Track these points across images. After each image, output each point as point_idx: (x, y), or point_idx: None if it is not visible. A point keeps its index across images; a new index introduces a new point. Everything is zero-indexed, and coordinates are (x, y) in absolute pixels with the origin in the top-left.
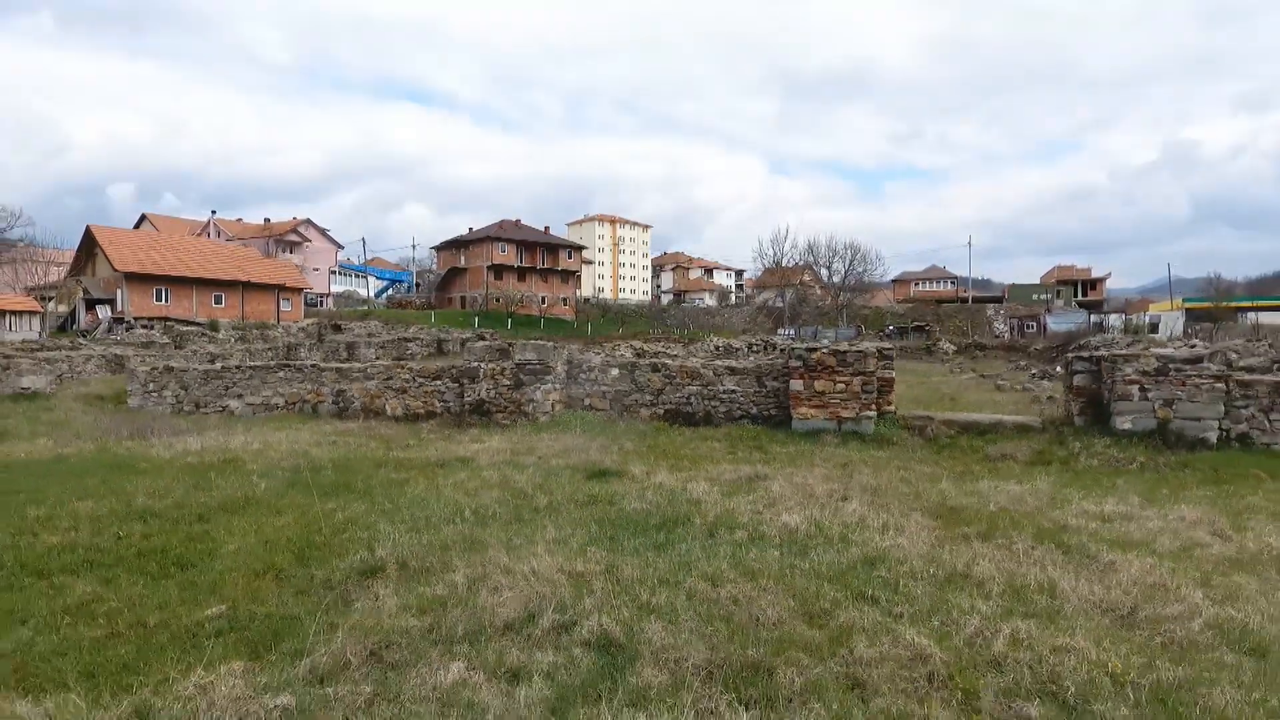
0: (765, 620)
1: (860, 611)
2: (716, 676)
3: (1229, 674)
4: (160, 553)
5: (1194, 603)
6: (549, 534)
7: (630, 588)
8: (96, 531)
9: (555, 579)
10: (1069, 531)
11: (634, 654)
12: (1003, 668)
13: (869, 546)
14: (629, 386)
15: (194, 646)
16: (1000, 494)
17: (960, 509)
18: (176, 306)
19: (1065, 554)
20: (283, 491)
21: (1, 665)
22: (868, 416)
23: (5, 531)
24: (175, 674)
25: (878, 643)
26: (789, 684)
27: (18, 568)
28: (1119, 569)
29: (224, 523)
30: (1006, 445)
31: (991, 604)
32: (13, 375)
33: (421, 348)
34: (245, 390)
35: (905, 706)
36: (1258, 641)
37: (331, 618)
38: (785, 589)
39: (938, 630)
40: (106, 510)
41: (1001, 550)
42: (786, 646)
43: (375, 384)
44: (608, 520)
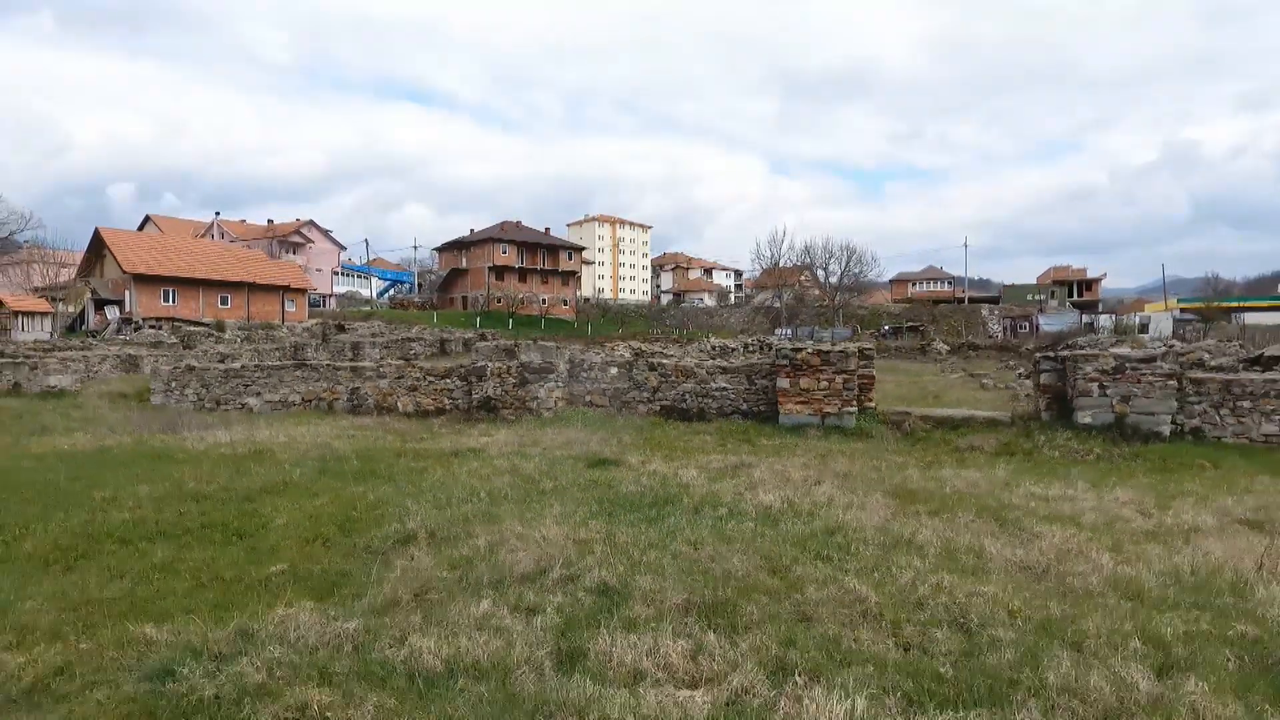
0: (735, 572)
1: (815, 566)
2: (691, 611)
3: (1105, 611)
4: (220, 526)
5: (1100, 563)
6: (555, 510)
7: (625, 550)
8: (159, 510)
9: (562, 543)
10: (1010, 509)
11: (626, 596)
12: (924, 606)
13: (831, 520)
14: (627, 384)
15: (268, 592)
16: (959, 480)
17: (918, 491)
18: (184, 307)
19: (1000, 526)
20: (315, 478)
21: (115, 607)
22: (849, 412)
23: (82, 509)
24: (260, 609)
25: (825, 589)
26: (749, 615)
27: (103, 536)
28: (1043, 537)
29: (268, 503)
30: (975, 438)
31: (926, 562)
32: (40, 374)
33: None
34: (263, 388)
35: (840, 631)
36: (1139, 590)
37: (378, 573)
38: (755, 551)
39: (877, 581)
40: (162, 493)
41: (945, 523)
42: (750, 591)
43: (388, 382)
44: (606, 500)
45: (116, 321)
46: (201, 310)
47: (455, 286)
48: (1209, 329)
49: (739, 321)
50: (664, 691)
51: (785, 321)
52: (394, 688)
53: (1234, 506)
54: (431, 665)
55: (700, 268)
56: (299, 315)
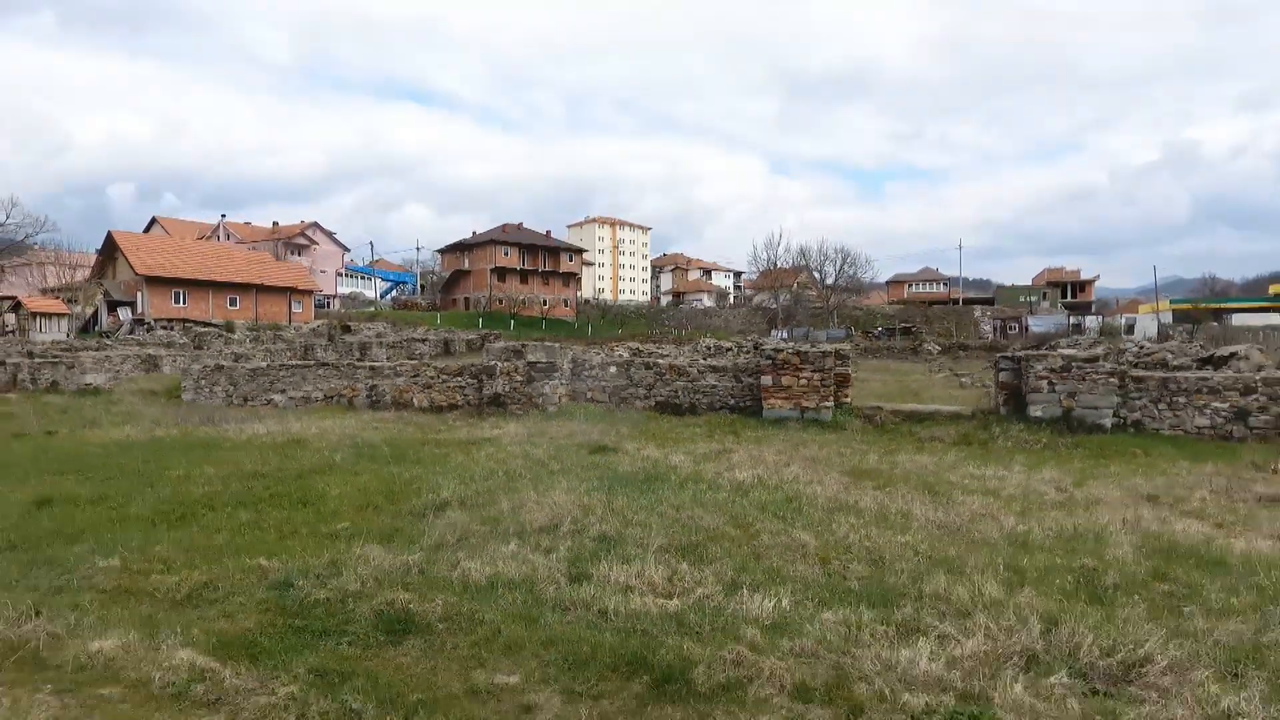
0: (706, 526)
1: (771, 523)
2: (670, 550)
3: (991, 550)
4: (284, 496)
5: (1004, 524)
6: (563, 485)
7: (620, 512)
8: (227, 485)
9: (570, 507)
10: (945, 485)
11: (620, 541)
12: (850, 549)
13: (792, 491)
14: (625, 382)
15: (340, 540)
16: (911, 463)
17: (872, 471)
18: (194, 308)
19: (932, 496)
20: (355, 461)
21: (224, 550)
22: (826, 406)
23: (164, 485)
24: (340, 550)
25: (776, 538)
26: (714, 554)
27: (192, 504)
28: (964, 505)
29: (320, 480)
30: (937, 430)
31: (861, 521)
32: (77, 373)
33: (430, 348)
34: (287, 386)
35: (781, 564)
36: (1025, 540)
37: (425, 527)
38: (725, 512)
39: (818, 532)
40: (226, 472)
41: (886, 494)
42: (717, 538)
43: (404, 380)
44: (606, 477)
45: (129, 322)
46: (211, 311)
47: (458, 287)
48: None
49: (737, 322)
50: (647, 598)
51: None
52: (453, 592)
53: (1142, 485)
54: (478, 579)
55: (699, 269)
56: (305, 316)
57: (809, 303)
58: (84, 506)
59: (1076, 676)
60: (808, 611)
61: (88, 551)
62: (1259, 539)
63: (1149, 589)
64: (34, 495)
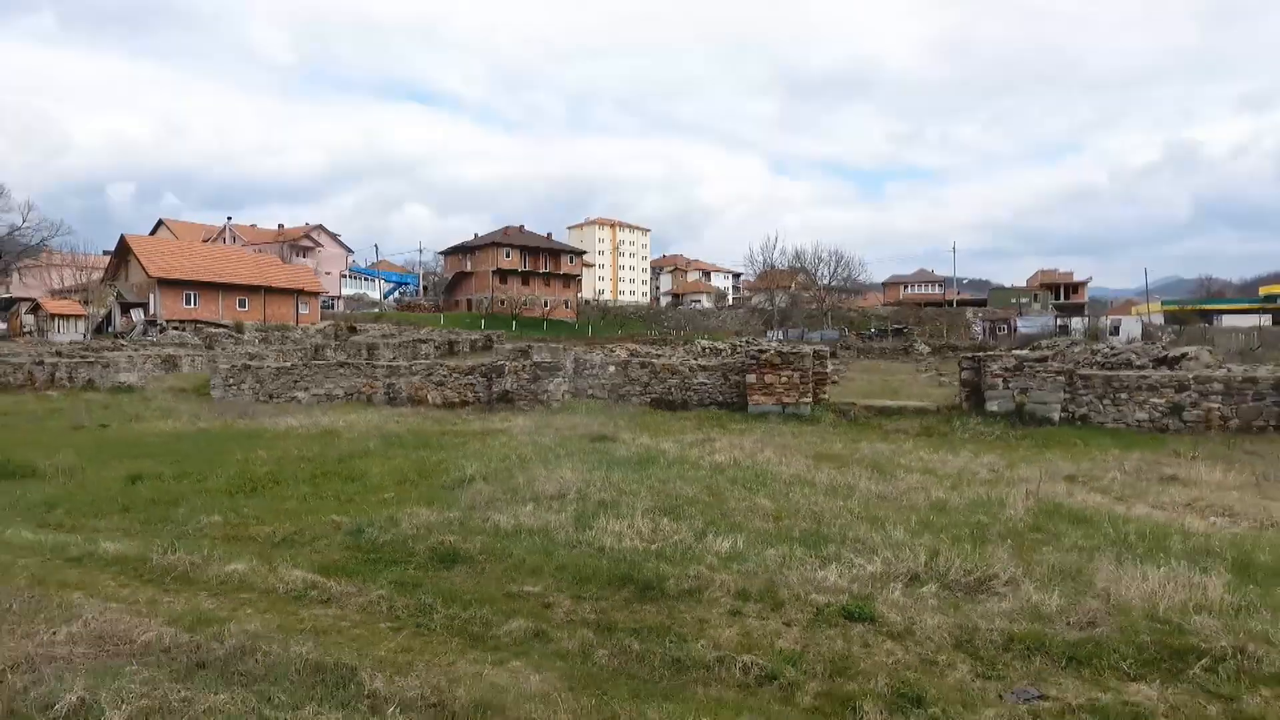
0: (684, 494)
1: (739, 492)
2: (654, 510)
3: (912, 511)
4: (333, 474)
5: (932, 495)
6: (568, 465)
7: (616, 485)
8: (280, 466)
9: (574, 481)
10: (894, 466)
11: (615, 504)
12: (800, 511)
13: (761, 469)
14: (623, 380)
15: (390, 505)
16: (870, 449)
17: (835, 455)
18: (204, 310)
19: (879, 474)
20: (386, 448)
21: (297, 512)
22: (805, 402)
23: (228, 466)
24: (393, 510)
25: (741, 502)
26: (689, 513)
27: (258, 480)
28: (903, 480)
29: (359, 462)
30: (903, 423)
31: (813, 491)
32: (112, 372)
33: (434, 348)
34: (310, 384)
35: (743, 520)
36: (944, 506)
37: (456, 495)
38: (702, 485)
39: (776, 500)
40: (277, 456)
41: (840, 472)
42: (693, 503)
43: (419, 379)
44: (604, 460)
45: (142, 323)
46: (220, 312)
47: (460, 289)
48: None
49: (735, 323)
50: (635, 541)
51: (777, 324)
52: (487, 536)
53: (1068, 467)
54: (506, 527)
55: (698, 270)
56: (312, 317)
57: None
58: (169, 481)
59: (943, 588)
60: (756, 549)
61: (189, 512)
62: (1140, 506)
63: (1023, 536)
64: (125, 473)
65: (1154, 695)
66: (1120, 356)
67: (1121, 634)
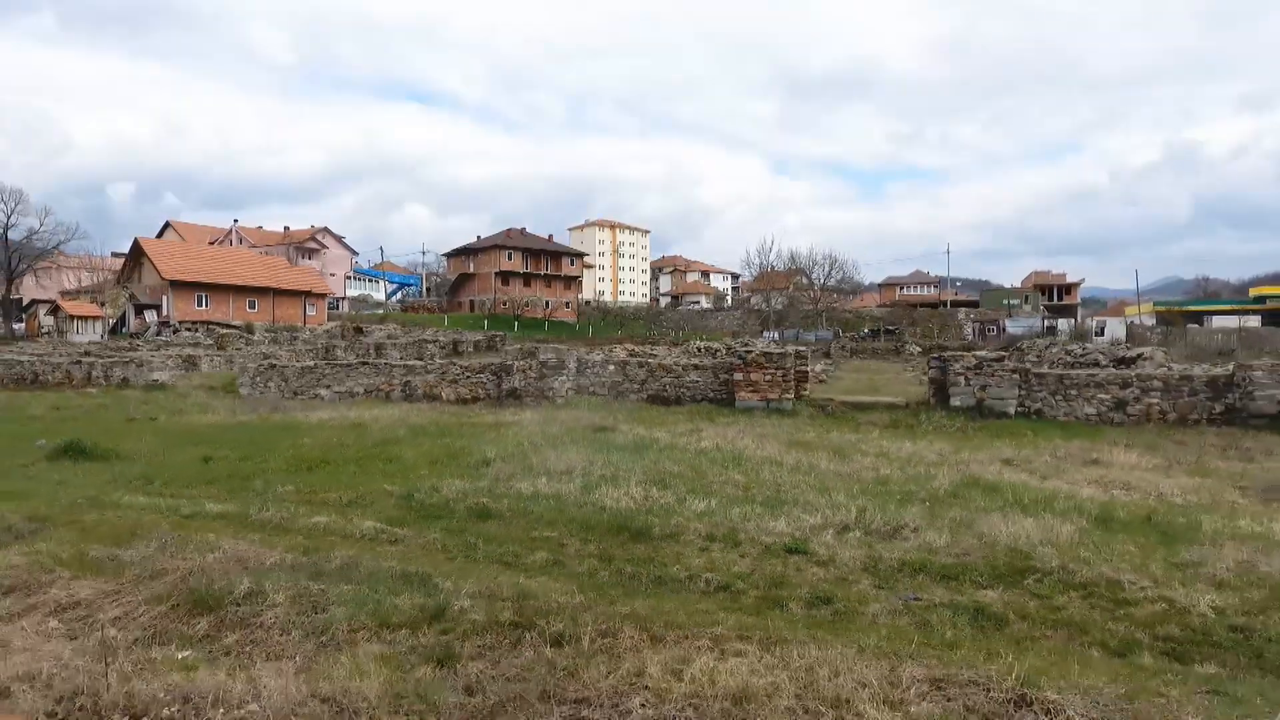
0: (672, 471)
1: (718, 469)
2: (646, 482)
3: (858, 484)
4: (372, 457)
5: (881, 472)
6: (574, 450)
7: (614, 464)
8: (325, 451)
9: (580, 461)
10: (855, 450)
11: (614, 479)
12: (765, 484)
13: (739, 453)
14: (622, 378)
15: (429, 478)
16: (839, 438)
17: (807, 442)
18: (215, 311)
19: (840, 456)
20: (413, 437)
21: (352, 483)
22: (787, 398)
23: (282, 450)
24: (433, 481)
25: (719, 477)
26: (674, 484)
27: (310, 460)
28: (859, 461)
29: (393, 448)
30: (875, 416)
31: (780, 469)
32: (146, 371)
33: (439, 348)
34: (333, 382)
35: (719, 489)
36: (886, 480)
37: (482, 472)
38: (687, 464)
39: (747, 475)
40: (319, 443)
41: (806, 454)
42: (678, 477)
43: (433, 377)
44: (605, 446)
45: (156, 324)
46: (231, 313)
47: (463, 290)
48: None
49: (732, 324)
50: (629, 502)
51: (774, 324)
52: (512, 499)
53: (1009, 453)
54: (526, 493)
55: (698, 271)
56: (319, 318)
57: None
58: (236, 462)
59: (865, 534)
60: (724, 508)
61: (265, 484)
62: (1055, 482)
63: (940, 501)
64: (197, 455)
65: (996, 596)
66: (1089, 356)
67: (983, 560)
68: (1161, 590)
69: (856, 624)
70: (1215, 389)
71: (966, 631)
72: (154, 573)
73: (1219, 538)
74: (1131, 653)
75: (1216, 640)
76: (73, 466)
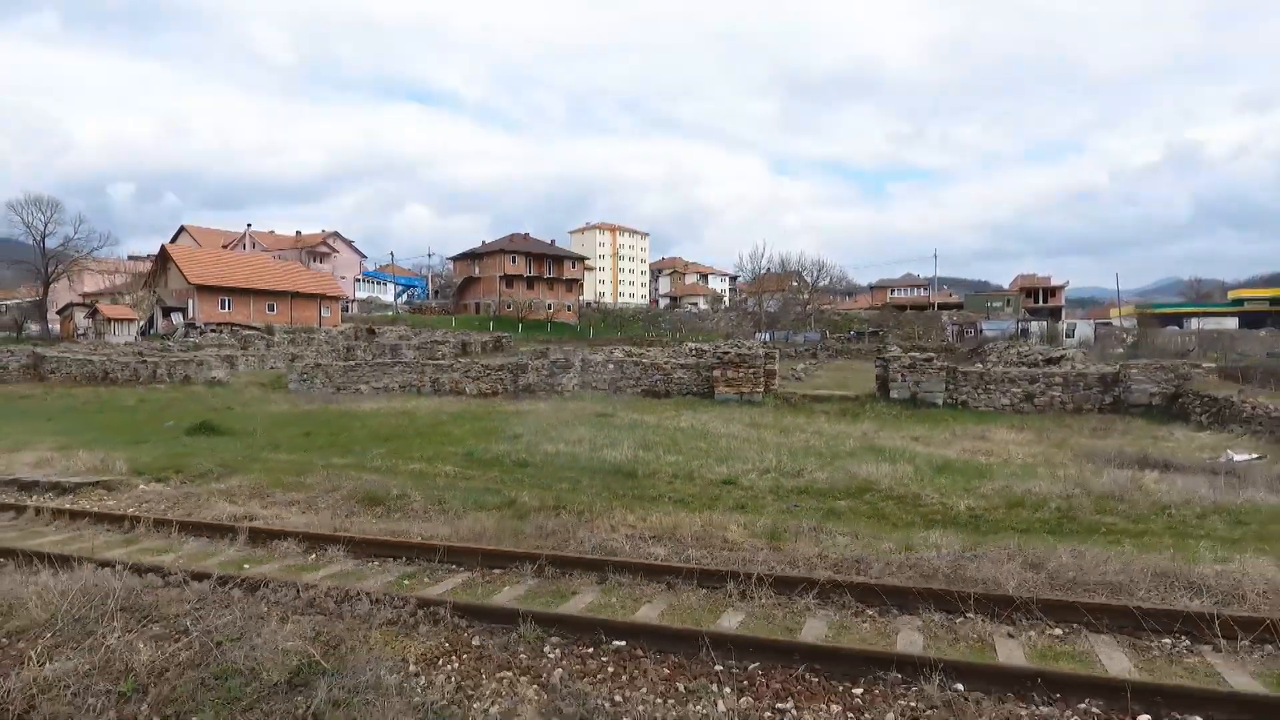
0: (655, 441)
1: (688, 440)
2: (635, 447)
3: (788, 449)
4: (428, 434)
5: (812, 443)
6: (581, 429)
7: (613, 437)
8: (392, 431)
9: (587, 435)
10: (797, 429)
11: (613, 444)
12: (721, 448)
13: (707, 431)
14: (620, 375)
15: (478, 446)
16: (791, 422)
17: (764, 424)
18: (237, 313)
19: (784, 433)
20: (454, 420)
21: (422, 448)
22: (758, 391)
23: (355, 430)
24: (483, 446)
25: (689, 445)
26: (656, 448)
27: (381, 435)
28: (796, 435)
29: (442, 427)
30: (828, 406)
31: (736, 440)
32: (205, 369)
33: (449, 349)
34: (371, 379)
35: (688, 451)
36: (809, 445)
37: (515, 441)
38: (666, 436)
39: (710, 443)
40: (381, 425)
41: (759, 431)
42: (659, 444)
43: (459, 374)
44: (606, 425)
45: (183, 326)
46: (252, 316)
47: (469, 293)
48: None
49: (727, 325)
50: (623, 459)
51: (765, 326)
52: (540, 455)
53: (919, 432)
54: (551, 452)
55: (696, 272)
56: (333, 320)
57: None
58: (327, 437)
59: (777, 475)
60: (687, 461)
61: (361, 449)
62: (941, 450)
63: (840, 457)
64: (298, 431)
65: (844, 503)
66: (1030, 356)
67: (844, 486)
68: (943, 499)
69: (755, 514)
70: (1105, 384)
71: (817, 518)
72: (331, 489)
73: (1000, 476)
74: (912, 528)
75: (959, 521)
76: (209, 439)
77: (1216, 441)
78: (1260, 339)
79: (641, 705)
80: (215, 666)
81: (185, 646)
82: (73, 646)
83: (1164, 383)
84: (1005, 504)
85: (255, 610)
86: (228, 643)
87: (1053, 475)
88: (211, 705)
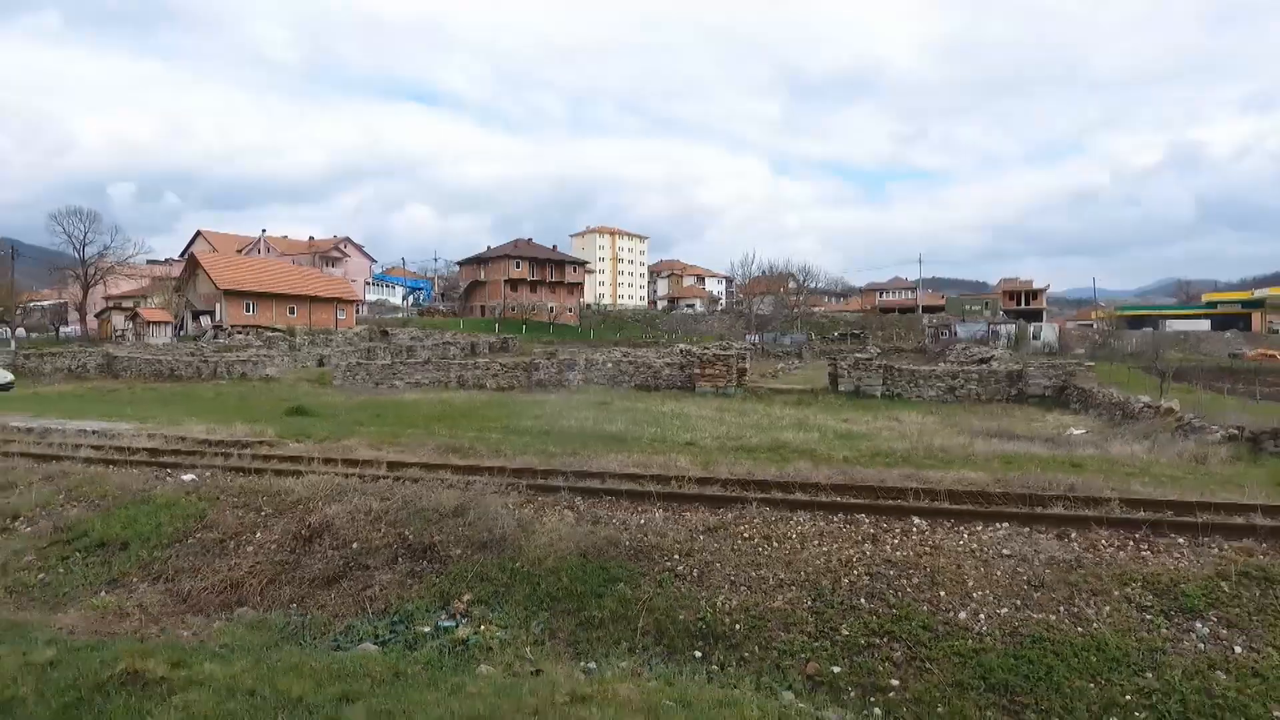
0: (643, 420)
1: (668, 420)
2: (628, 424)
3: (739, 426)
4: (468, 417)
5: (760, 421)
6: (586, 412)
7: (611, 417)
8: (437, 417)
9: (590, 416)
10: (754, 412)
11: (611, 420)
12: (693, 426)
13: (685, 414)
14: (618, 372)
15: (512, 423)
16: (750, 408)
17: (728, 409)
18: (261, 316)
19: (742, 414)
20: (485, 407)
21: (468, 427)
22: (731, 385)
23: (409, 413)
24: (516, 423)
25: (670, 425)
26: (642, 424)
27: (431, 417)
28: (749, 417)
29: (478, 412)
30: (787, 396)
31: (705, 419)
32: (259, 367)
33: (459, 349)
34: (404, 375)
35: (666, 426)
36: (755, 422)
37: (537, 420)
38: (652, 417)
39: (682, 422)
40: (429, 410)
41: (721, 414)
42: (644, 421)
43: (480, 371)
44: (605, 410)
45: (212, 328)
46: (274, 318)
47: (475, 296)
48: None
49: (721, 328)
50: (617, 430)
51: (755, 328)
52: (558, 431)
53: (850, 415)
54: (565, 428)
55: (694, 275)
56: (349, 322)
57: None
58: (395, 415)
59: (725, 440)
60: (663, 432)
61: (423, 425)
62: (859, 427)
63: (774, 429)
64: (368, 414)
65: (764, 455)
66: (974, 355)
67: (769, 446)
68: (830, 452)
69: (700, 456)
70: (1011, 380)
71: (739, 458)
72: (421, 445)
73: (880, 440)
74: (797, 463)
75: (833, 462)
76: (306, 419)
77: (1075, 422)
78: (1225, 340)
79: (619, 514)
80: (413, 508)
81: (395, 501)
82: (336, 502)
83: (1055, 378)
84: (870, 454)
85: (426, 487)
86: (416, 499)
87: (915, 440)
88: (416, 522)
